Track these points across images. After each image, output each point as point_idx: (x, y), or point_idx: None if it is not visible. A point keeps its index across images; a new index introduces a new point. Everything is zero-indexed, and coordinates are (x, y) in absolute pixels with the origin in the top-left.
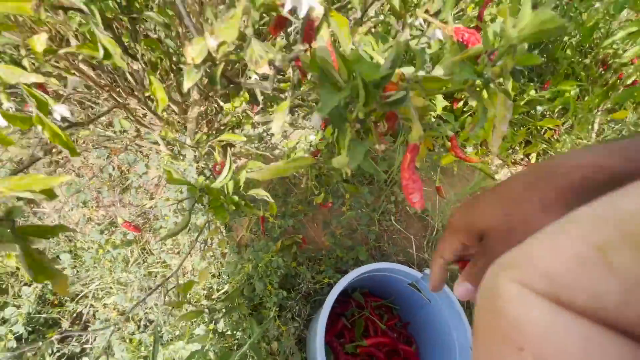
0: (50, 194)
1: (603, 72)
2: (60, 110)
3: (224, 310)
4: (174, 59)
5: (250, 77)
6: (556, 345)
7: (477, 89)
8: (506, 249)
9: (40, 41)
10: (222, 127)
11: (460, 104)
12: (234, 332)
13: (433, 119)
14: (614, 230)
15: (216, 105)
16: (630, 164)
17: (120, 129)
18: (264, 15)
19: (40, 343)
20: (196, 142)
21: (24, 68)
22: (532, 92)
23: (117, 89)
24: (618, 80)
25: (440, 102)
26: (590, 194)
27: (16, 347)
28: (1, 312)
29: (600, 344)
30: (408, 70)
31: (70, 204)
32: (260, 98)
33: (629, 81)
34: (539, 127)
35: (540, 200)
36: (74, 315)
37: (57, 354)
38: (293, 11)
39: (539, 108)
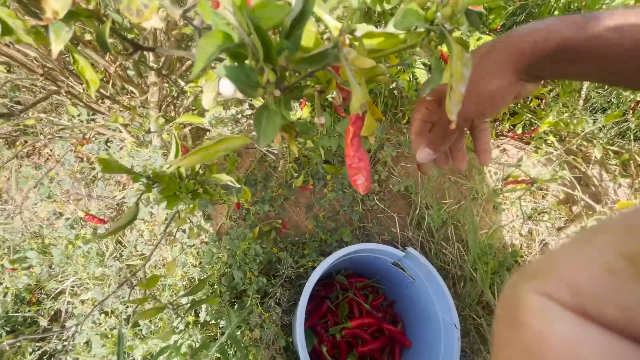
0: None
1: None
2: None
3: (189, 303)
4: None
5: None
6: None
7: (433, 44)
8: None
9: None
10: (190, 110)
11: None
12: (217, 320)
13: (414, 91)
14: None
15: (175, 88)
16: (581, 32)
17: (88, 117)
18: None
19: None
20: (161, 127)
21: None
22: None
23: (67, 74)
24: None
25: (423, 76)
26: (538, 59)
27: None
28: None
29: None
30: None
31: (34, 198)
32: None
33: None
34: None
35: (492, 64)
36: (52, 312)
37: (38, 352)
38: None
39: None
